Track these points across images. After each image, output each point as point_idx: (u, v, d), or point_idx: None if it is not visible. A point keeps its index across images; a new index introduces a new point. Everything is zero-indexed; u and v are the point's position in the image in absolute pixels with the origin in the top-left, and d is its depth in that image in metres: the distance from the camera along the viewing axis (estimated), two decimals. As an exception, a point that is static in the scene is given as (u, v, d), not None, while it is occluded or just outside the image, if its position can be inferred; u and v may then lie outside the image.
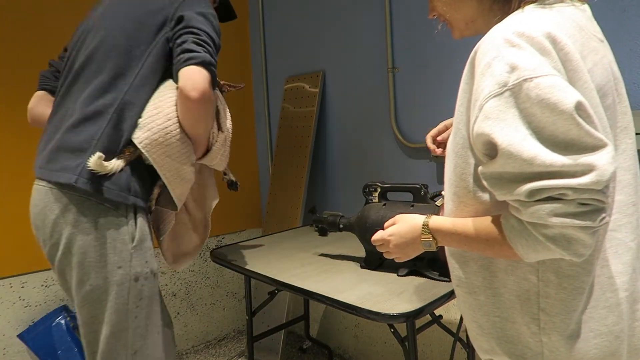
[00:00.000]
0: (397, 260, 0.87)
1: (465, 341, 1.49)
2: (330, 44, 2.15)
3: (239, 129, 2.03)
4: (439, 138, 1.07)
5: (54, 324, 1.77)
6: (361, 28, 2.00)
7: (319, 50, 2.21)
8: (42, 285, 1.85)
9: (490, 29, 0.65)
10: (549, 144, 0.54)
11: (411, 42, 1.81)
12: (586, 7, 0.71)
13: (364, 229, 1.34)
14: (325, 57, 2.18)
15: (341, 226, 1.46)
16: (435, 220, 0.75)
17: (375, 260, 1.37)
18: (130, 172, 1.03)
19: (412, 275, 1.29)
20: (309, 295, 1.24)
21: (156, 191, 1.12)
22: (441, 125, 1.07)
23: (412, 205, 1.31)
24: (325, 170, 2.24)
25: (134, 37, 1.07)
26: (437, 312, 1.26)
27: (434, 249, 0.77)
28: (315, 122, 2.17)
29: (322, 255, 1.56)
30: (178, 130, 1.06)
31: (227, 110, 1.22)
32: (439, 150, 1.05)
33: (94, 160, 0.96)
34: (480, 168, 0.62)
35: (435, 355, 1.83)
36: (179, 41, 1.05)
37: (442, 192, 1.29)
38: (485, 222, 0.65)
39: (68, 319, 1.79)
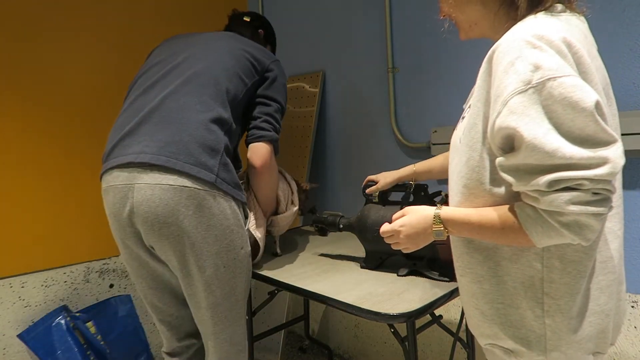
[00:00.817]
0: (405, 251, 0.89)
1: (466, 341, 1.49)
2: (330, 44, 2.15)
3: (239, 129, 2.03)
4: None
5: (54, 324, 1.77)
6: (361, 28, 2.00)
7: (319, 50, 2.21)
8: (42, 285, 1.85)
9: (496, 32, 0.72)
10: (568, 138, 0.60)
11: (411, 42, 1.81)
12: (584, 19, 0.77)
13: (365, 229, 1.34)
14: (325, 57, 2.18)
15: (341, 226, 1.46)
16: (446, 211, 0.78)
17: (375, 260, 1.37)
18: (235, 174, 1.22)
19: (412, 275, 1.29)
20: (309, 295, 1.24)
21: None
22: (382, 181, 1.32)
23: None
24: (325, 170, 2.24)
25: (240, 71, 1.28)
26: (437, 312, 1.25)
27: (444, 238, 0.80)
28: (315, 122, 2.17)
29: (322, 255, 1.56)
30: None
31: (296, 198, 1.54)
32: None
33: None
34: (498, 160, 0.67)
35: (435, 355, 1.83)
36: (255, 113, 1.31)
37: (443, 192, 1.30)
38: (499, 211, 0.70)
39: (68, 319, 1.79)
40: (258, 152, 1.28)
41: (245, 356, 1.29)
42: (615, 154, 0.60)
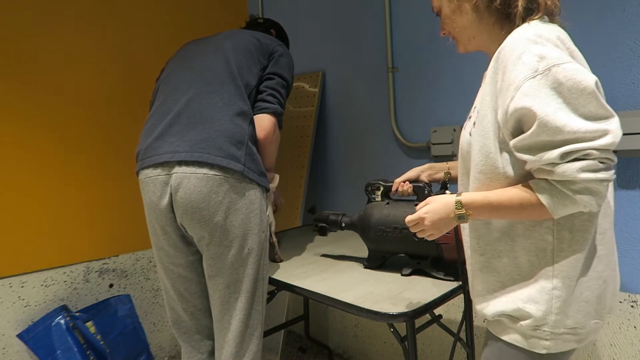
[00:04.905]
0: (429, 239, 0.95)
1: (465, 341, 1.49)
2: (330, 44, 2.15)
3: (238, 128, 2.03)
4: (423, 176, 1.30)
5: (53, 323, 1.77)
6: (361, 28, 2.00)
7: (319, 50, 2.21)
8: (42, 285, 1.85)
9: (491, 43, 0.85)
10: (574, 115, 0.69)
11: (411, 42, 1.81)
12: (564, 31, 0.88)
13: (368, 228, 1.33)
14: (325, 57, 2.18)
15: (343, 225, 1.45)
16: (466, 196, 0.85)
17: (378, 259, 1.37)
18: (261, 163, 1.31)
19: (415, 274, 1.29)
20: (309, 295, 1.24)
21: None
22: (409, 172, 1.32)
23: (416, 204, 1.30)
24: (324, 170, 2.24)
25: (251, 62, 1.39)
26: (437, 311, 1.26)
27: (467, 222, 0.87)
28: (315, 122, 2.17)
29: (322, 255, 1.56)
30: None
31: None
32: (405, 186, 1.30)
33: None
34: (512, 142, 0.75)
35: (435, 354, 1.83)
36: (262, 87, 1.38)
37: (447, 192, 1.29)
38: (516, 189, 0.78)
39: (68, 318, 1.79)
40: (262, 123, 1.33)
41: (260, 344, 1.31)
42: (614, 126, 0.69)
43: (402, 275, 1.29)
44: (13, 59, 1.78)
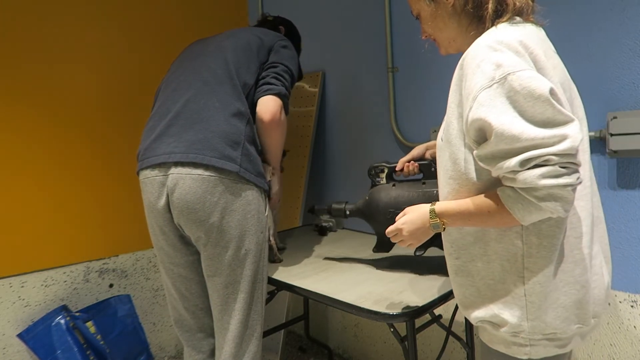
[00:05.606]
0: (410, 247, 0.97)
1: (465, 341, 1.49)
2: (330, 44, 2.15)
3: (238, 128, 2.03)
4: (427, 154, 1.30)
5: (53, 323, 1.77)
6: (361, 28, 2.00)
7: (319, 50, 2.21)
8: (42, 285, 1.85)
9: (469, 45, 0.80)
10: (531, 123, 0.69)
11: (411, 42, 1.81)
12: (541, 28, 0.88)
13: (376, 212, 1.30)
14: (325, 57, 2.18)
15: (348, 212, 1.42)
16: (439, 205, 0.86)
17: (387, 243, 1.34)
18: (260, 164, 1.30)
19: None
20: (309, 295, 1.24)
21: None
22: (414, 151, 1.32)
23: (424, 183, 1.27)
24: (325, 170, 2.25)
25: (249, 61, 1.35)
26: (436, 311, 1.26)
27: (442, 230, 0.87)
28: (315, 122, 2.17)
29: (322, 254, 1.56)
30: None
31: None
32: (411, 166, 1.30)
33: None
34: (476, 152, 0.76)
35: (434, 354, 1.83)
36: (264, 74, 1.34)
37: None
38: (484, 197, 0.78)
39: (68, 318, 1.79)
40: (266, 105, 1.28)
41: (259, 344, 1.31)
42: (573, 131, 0.68)
43: (415, 255, 1.27)
44: (15, 54, 1.78)
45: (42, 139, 1.85)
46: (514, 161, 0.69)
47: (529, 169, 0.69)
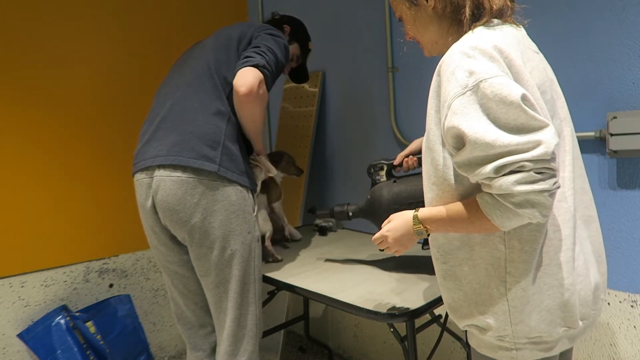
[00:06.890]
0: (396, 254, 0.96)
1: (465, 341, 1.49)
2: (330, 44, 2.15)
3: (238, 128, 2.03)
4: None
5: (53, 323, 1.77)
6: (361, 28, 2.00)
7: (319, 50, 2.21)
8: (42, 285, 1.85)
9: (449, 47, 0.80)
10: (505, 129, 0.69)
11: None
12: (522, 27, 0.87)
13: (380, 210, 1.28)
14: (325, 57, 2.18)
15: (351, 214, 1.40)
16: (422, 212, 0.86)
17: None
18: (244, 162, 1.28)
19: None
20: (309, 295, 1.24)
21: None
22: (412, 145, 1.31)
23: None
24: (324, 170, 2.24)
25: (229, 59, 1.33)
26: (436, 311, 1.26)
27: (426, 237, 0.87)
28: (315, 122, 2.17)
29: (322, 255, 1.56)
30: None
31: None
32: (410, 160, 1.30)
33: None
34: (453, 159, 0.76)
35: (434, 354, 1.83)
36: (244, 53, 1.30)
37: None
38: (464, 204, 0.78)
39: (68, 318, 1.79)
40: (244, 76, 1.20)
41: (256, 343, 1.31)
42: (547, 137, 0.67)
43: (422, 249, 1.27)
44: (17, 55, 1.78)
45: (42, 139, 1.85)
46: (488, 168, 0.69)
47: (504, 175, 0.68)
